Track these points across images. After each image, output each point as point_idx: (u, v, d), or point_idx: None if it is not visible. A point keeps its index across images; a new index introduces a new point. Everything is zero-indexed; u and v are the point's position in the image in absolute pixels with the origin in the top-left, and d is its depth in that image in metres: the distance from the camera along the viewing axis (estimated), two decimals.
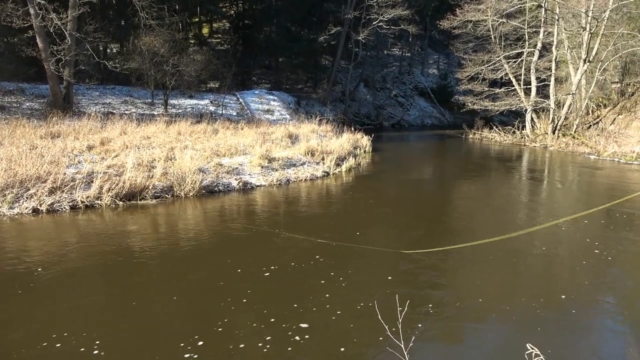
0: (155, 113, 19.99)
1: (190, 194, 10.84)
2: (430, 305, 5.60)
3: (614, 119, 22.63)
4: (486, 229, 8.96)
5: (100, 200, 9.65)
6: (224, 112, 22.43)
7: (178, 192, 10.79)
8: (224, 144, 14.74)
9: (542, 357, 2.91)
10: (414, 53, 46.97)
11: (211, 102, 23.36)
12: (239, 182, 11.98)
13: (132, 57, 19.96)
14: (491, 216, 10.37)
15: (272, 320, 5.07)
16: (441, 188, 14.10)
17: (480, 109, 27.07)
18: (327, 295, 5.72)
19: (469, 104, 27.25)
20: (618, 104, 23.32)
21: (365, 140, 20.12)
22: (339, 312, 5.30)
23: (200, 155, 12.79)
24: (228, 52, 28.49)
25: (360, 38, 30.25)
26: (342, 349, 4.55)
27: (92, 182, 9.90)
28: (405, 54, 45.79)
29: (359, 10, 30.19)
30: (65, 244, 7.49)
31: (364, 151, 19.28)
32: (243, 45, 29.97)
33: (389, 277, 6.42)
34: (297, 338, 4.68)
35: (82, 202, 9.44)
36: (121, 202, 9.78)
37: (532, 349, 2.97)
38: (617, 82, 25.10)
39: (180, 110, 21.19)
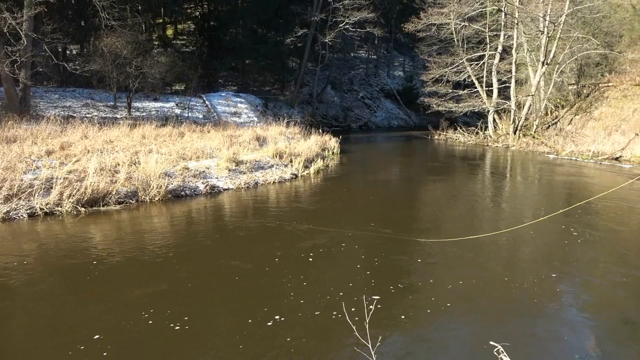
0: (118, 116, 19.50)
1: (156, 198, 10.61)
2: (398, 302, 5.68)
3: (571, 119, 23.56)
4: (453, 228, 9.16)
5: (61, 207, 9.31)
6: (190, 114, 22.10)
7: (143, 197, 10.55)
8: (190, 147, 14.51)
9: (504, 354, 3.00)
10: (380, 55, 47.59)
11: (177, 104, 22.97)
12: (206, 186, 11.82)
13: (93, 58, 19.38)
14: (457, 215, 10.60)
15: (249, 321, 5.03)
16: (408, 188, 14.31)
17: (445, 110, 27.68)
18: (294, 295, 5.72)
19: (434, 106, 27.82)
20: (575, 104, 24.29)
21: (333, 142, 20.22)
22: (310, 310, 5.30)
23: (165, 159, 12.53)
24: (193, 53, 28.11)
25: (327, 40, 30.42)
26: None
27: (51, 188, 9.54)
28: (372, 57, 46.35)
29: (325, 12, 30.38)
30: (22, 254, 7.19)
31: (332, 153, 19.37)
32: (209, 47, 29.64)
33: (357, 278, 6.48)
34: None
35: (41, 209, 9.09)
36: (83, 209, 9.47)
37: (495, 345, 3.05)
38: (574, 84, 26.16)
39: (144, 113, 20.73)
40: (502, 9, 25.62)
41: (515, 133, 24.48)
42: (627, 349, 4.93)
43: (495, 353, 3.24)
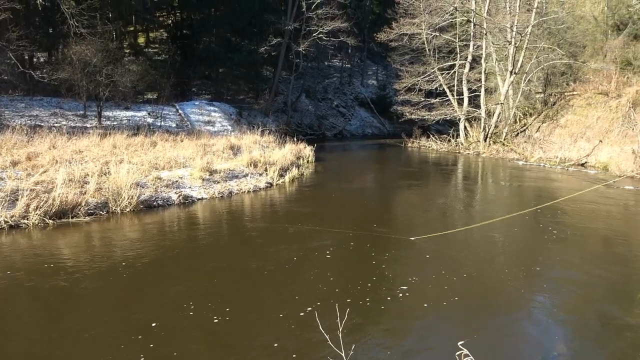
0: (88, 125, 19.07)
1: (127, 209, 10.40)
2: (373, 305, 5.71)
3: (539, 127, 24.26)
4: (429, 228, 9.27)
5: (27, 219, 9.02)
6: (162, 123, 21.80)
7: (114, 208, 10.33)
8: (162, 156, 14.30)
9: (471, 357, 3.05)
10: (354, 64, 48.04)
11: (149, 113, 22.61)
12: (179, 196, 11.65)
13: (62, 66, 18.92)
14: (432, 217, 10.73)
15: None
16: (383, 196, 14.43)
17: (418, 118, 28.10)
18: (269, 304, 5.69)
19: (407, 114, 28.22)
20: (542, 112, 25.03)
21: (308, 151, 20.25)
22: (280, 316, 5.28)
23: (137, 169, 12.30)
24: (166, 62, 27.78)
25: (300, 49, 30.56)
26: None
27: (17, 200, 9.24)
28: (345, 65, 46.74)
29: (299, 21, 30.54)
30: None
31: (307, 161, 19.40)
32: (182, 56, 29.35)
33: (332, 283, 6.49)
34: None
35: (5, 222, 8.78)
36: (51, 221, 9.20)
37: (462, 349, 3.10)
38: (541, 93, 26.99)
39: (115, 123, 20.34)
40: (471, 20, 26.31)
41: (485, 140, 25.05)
42: (595, 348, 5.08)
43: (460, 356, 3.29)
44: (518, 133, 25.07)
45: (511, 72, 24.06)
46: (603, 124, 20.68)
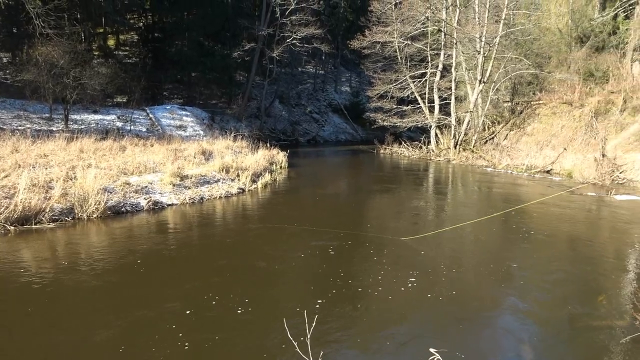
0: (54, 129, 18.52)
1: (94, 215, 10.13)
2: (340, 308, 5.73)
3: (507, 135, 24.92)
4: (401, 231, 9.37)
5: None
6: (132, 128, 21.38)
7: (80, 214, 10.04)
8: (132, 161, 14.00)
9: None
10: (327, 71, 48.33)
11: (118, 117, 22.14)
12: (148, 202, 11.43)
13: (27, 68, 18.35)
14: (403, 226, 10.84)
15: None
16: (357, 201, 14.50)
17: (390, 125, 28.50)
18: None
19: (380, 121, 28.58)
20: (509, 121, 25.73)
21: (281, 156, 20.22)
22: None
23: (105, 174, 12.02)
24: (137, 65, 27.33)
25: (274, 55, 30.58)
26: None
27: None
28: (319, 72, 46.98)
29: (272, 27, 30.56)
30: None
31: (280, 167, 19.35)
32: (153, 59, 28.92)
33: (303, 290, 6.48)
34: None
35: None
36: (12, 227, 8.86)
37: (435, 353, 3.15)
38: (508, 101, 27.76)
39: (83, 126, 19.83)
40: (442, 30, 26.87)
41: (455, 147, 25.55)
42: (561, 349, 5.22)
43: None
44: (487, 140, 25.68)
45: (480, 81, 24.68)
46: (567, 133, 21.40)
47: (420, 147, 27.99)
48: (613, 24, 27.66)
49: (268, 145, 21.75)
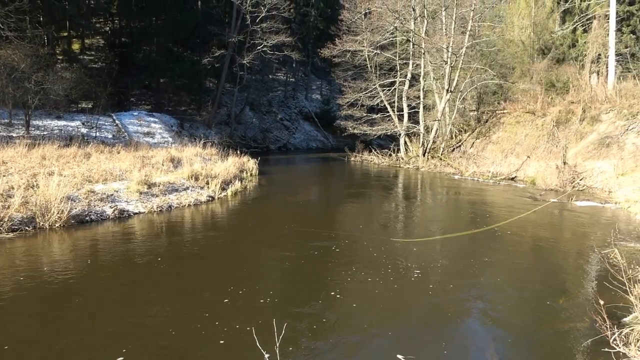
0: (14, 135, 17.85)
1: (57, 224, 9.80)
2: (310, 314, 5.72)
3: (473, 143, 25.55)
4: (368, 246, 9.43)
5: None
6: (97, 134, 20.83)
7: (42, 223, 9.69)
8: (97, 169, 13.63)
9: None
10: (298, 78, 48.53)
11: (83, 123, 21.53)
12: (114, 210, 11.14)
13: None
14: (373, 233, 10.92)
15: None
16: (327, 208, 14.55)
17: (360, 133, 28.80)
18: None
19: (350, 128, 28.84)
20: (476, 129, 26.40)
21: (251, 164, 20.10)
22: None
23: (69, 182, 11.65)
24: (103, 70, 26.70)
25: (244, 62, 30.48)
26: None
27: None
28: (290, 79, 47.11)
29: (243, 34, 30.49)
30: None
31: (251, 174, 19.24)
32: (120, 64, 28.32)
33: (272, 298, 6.43)
34: None
35: None
36: None
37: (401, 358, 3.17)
38: (475, 110, 28.51)
39: (45, 132, 19.19)
40: (410, 40, 27.43)
41: (424, 155, 26.01)
42: (525, 354, 5.36)
43: None
44: (454, 148, 26.25)
45: (447, 91, 25.26)
46: (530, 141, 22.11)
47: (390, 155, 28.36)
48: (572, 37, 28.90)
49: (238, 152, 21.59)
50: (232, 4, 30.79)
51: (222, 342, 5.20)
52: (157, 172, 14.63)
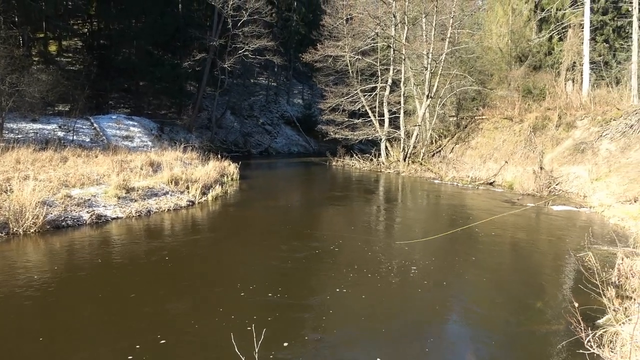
0: None
1: (32, 230, 9.57)
2: (290, 319, 5.70)
3: (453, 148, 25.89)
4: (350, 253, 9.46)
5: None
6: (75, 138, 20.44)
7: (15, 228, 9.45)
8: (74, 173, 13.37)
9: None
10: (280, 83, 48.51)
11: (60, 126, 21.09)
12: (91, 215, 10.93)
13: None
14: (355, 237, 10.95)
15: None
16: (309, 213, 14.53)
17: (342, 137, 28.93)
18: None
19: (332, 133, 28.95)
20: (455, 134, 26.77)
21: (232, 168, 19.98)
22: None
23: (44, 187, 11.40)
24: (80, 72, 26.20)
25: (226, 65, 30.34)
26: None
27: None
28: (272, 84, 47.05)
29: (224, 38, 30.37)
30: None
31: (232, 179, 19.11)
32: (98, 67, 27.83)
33: (250, 304, 6.40)
34: None
35: None
36: None
37: None
38: (454, 116, 28.91)
39: (20, 136, 18.74)
40: (391, 46, 27.71)
41: (405, 160, 26.24)
42: (503, 357, 5.44)
43: None
44: (434, 153, 26.56)
45: (427, 96, 25.57)
46: (508, 147, 22.52)
47: (371, 160, 28.53)
48: (549, 45, 29.59)
49: (219, 156, 21.44)
50: (214, 8, 30.65)
51: (202, 346, 5.14)
52: (136, 177, 14.42)
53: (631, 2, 23.04)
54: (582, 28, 25.04)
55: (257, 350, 3.31)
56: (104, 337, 5.39)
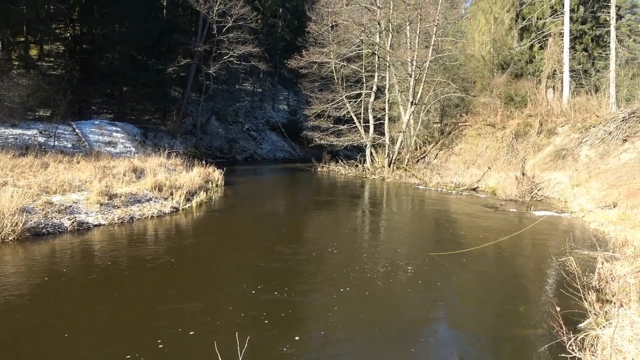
0: None
1: (10, 237, 9.35)
2: (273, 328, 5.67)
3: (437, 154, 26.16)
4: (334, 262, 9.46)
5: None
6: (56, 143, 20.09)
7: None
8: (55, 179, 13.13)
9: None
10: (265, 89, 48.49)
11: (40, 132, 20.70)
12: (72, 222, 10.74)
13: None
14: (340, 243, 10.96)
15: None
16: (294, 219, 14.50)
17: (327, 143, 29.01)
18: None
19: (317, 139, 29.01)
20: (439, 141, 27.06)
21: (217, 174, 19.86)
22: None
23: (24, 193, 11.16)
24: (62, 77, 25.84)
25: (211, 71, 30.24)
26: None
27: None
28: (257, 90, 47.01)
29: (209, 44, 30.28)
30: None
31: (216, 185, 18.99)
32: (81, 71, 27.46)
33: (233, 314, 6.35)
34: None
35: None
36: None
37: None
38: (438, 122, 29.25)
39: None
40: (376, 53, 27.94)
41: (389, 166, 26.40)
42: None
43: None
44: (418, 159, 26.78)
45: (412, 103, 25.82)
46: (491, 153, 22.84)
47: (357, 166, 28.65)
48: (530, 53, 30.19)
49: (204, 162, 21.29)
50: (199, 13, 30.57)
51: (185, 355, 5.07)
52: (118, 183, 14.23)
53: (609, 12, 23.65)
54: (562, 37, 25.61)
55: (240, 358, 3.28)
56: (73, 344, 5.29)
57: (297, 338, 5.74)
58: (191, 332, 5.67)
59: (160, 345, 5.32)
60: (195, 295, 7.06)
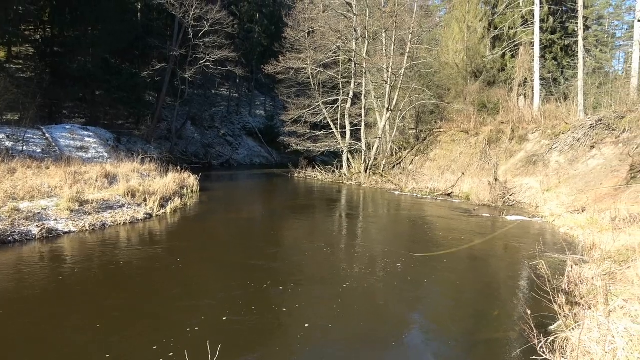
0: None
1: None
2: (248, 336, 5.62)
3: (412, 160, 26.46)
4: (311, 266, 9.44)
5: None
6: (25, 148, 19.51)
7: None
8: (23, 185, 12.72)
9: None
10: (242, 94, 48.27)
11: (8, 136, 20.06)
12: (41, 229, 10.42)
13: None
14: (317, 249, 10.95)
15: None
16: (270, 226, 14.41)
17: (304, 149, 29.04)
18: None
19: (294, 145, 29.00)
20: (415, 147, 27.40)
21: (192, 180, 19.61)
22: None
23: None
24: (32, 80, 25.17)
25: (186, 76, 29.94)
26: None
27: None
28: (233, 95, 46.76)
29: (185, 48, 30.00)
30: None
31: (192, 191, 18.75)
32: (51, 74, 26.81)
33: (207, 321, 6.26)
34: None
35: None
36: None
37: None
38: (413, 129, 29.63)
39: None
40: (352, 59, 28.17)
41: (366, 172, 26.58)
42: None
43: None
44: (394, 165, 27.04)
45: (388, 109, 26.09)
46: (465, 159, 23.24)
47: (333, 171, 28.74)
48: (502, 62, 30.92)
49: (179, 168, 20.98)
50: (174, 17, 30.29)
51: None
52: (90, 189, 13.90)
53: (577, 23, 24.45)
54: (533, 46, 26.33)
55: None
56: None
57: (270, 343, 5.69)
58: (154, 347, 5.56)
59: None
60: (164, 303, 6.93)
